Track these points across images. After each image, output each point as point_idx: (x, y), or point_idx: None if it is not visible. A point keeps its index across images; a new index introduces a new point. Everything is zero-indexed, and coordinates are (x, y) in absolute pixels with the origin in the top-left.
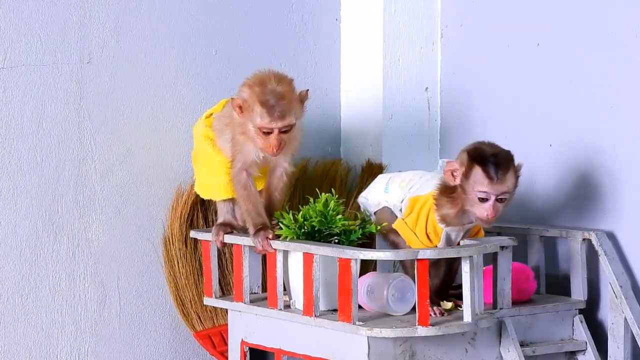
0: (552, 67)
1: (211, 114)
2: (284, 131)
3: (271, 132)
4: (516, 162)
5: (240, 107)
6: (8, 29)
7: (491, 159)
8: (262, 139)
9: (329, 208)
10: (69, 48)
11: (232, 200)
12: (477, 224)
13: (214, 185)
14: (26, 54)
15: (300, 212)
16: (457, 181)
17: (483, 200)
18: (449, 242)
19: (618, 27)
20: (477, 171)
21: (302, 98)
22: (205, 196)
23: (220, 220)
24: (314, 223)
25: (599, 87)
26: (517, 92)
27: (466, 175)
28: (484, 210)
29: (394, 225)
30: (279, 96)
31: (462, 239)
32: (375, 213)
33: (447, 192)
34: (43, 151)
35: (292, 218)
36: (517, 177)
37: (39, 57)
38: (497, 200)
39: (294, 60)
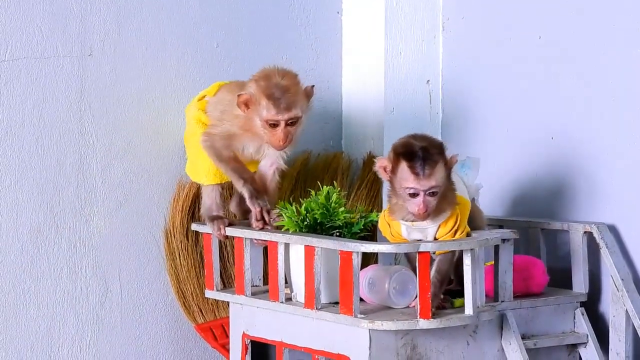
0: (553, 60)
1: (204, 97)
2: (291, 124)
3: (278, 125)
4: (450, 153)
5: (246, 104)
6: (9, 22)
7: (418, 154)
8: (270, 133)
9: (331, 200)
10: (71, 41)
11: (219, 189)
12: (421, 221)
13: (202, 169)
14: (28, 46)
15: (303, 205)
16: (387, 178)
17: (413, 195)
18: (413, 234)
19: (620, 19)
20: (403, 167)
21: (308, 93)
22: (193, 178)
23: (210, 214)
24: (316, 215)
25: (601, 79)
26: (519, 84)
27: (394, 172)
28: (415, 206)
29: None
30: (284, 89)
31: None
32: None
33: (391, 186)
34: (44, 144)
35: (295, 210)
36: (448, 168)
37: (40, 50)
38: (427, 194)
39: (295, 53)
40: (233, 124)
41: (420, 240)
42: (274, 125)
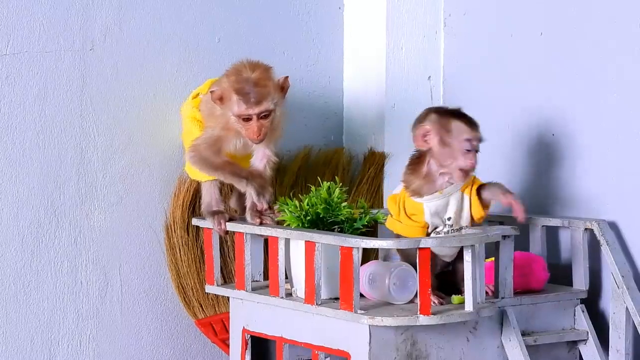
0: (555, 56)
1: (197, 94)
2: (263, 117)
3: (250, 119)
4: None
5: (220, 99)
6: (11, 16)
7: (460, 112)
8: (244, 127)
9: (333, 195)
10: (72, 35)
11: (217, 185)
12: (461, 182)
13: None
14: (29, 40)
15: (305, 199)
16: (432, 143)
17: (469, 150)
18: (436, 216)
19: (621, 16)
20: (457, 123)
21: (282, 85)
22: (192, 176)
23: (210, 209)
24: (319, 210)
25: (602, 76)
26: (520, 81)
27: (447, 129)
28: (467, 160)
29: (386, 224)
30: (253, 83)
31: (459, 206)
32: None
33: (411, 166)
34: (45, 138)
35: (297, 205)
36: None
37: (41, 44)
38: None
39: (296, 48)
40: (216, 126)
41: (421, 236)
42: (247, 119)
